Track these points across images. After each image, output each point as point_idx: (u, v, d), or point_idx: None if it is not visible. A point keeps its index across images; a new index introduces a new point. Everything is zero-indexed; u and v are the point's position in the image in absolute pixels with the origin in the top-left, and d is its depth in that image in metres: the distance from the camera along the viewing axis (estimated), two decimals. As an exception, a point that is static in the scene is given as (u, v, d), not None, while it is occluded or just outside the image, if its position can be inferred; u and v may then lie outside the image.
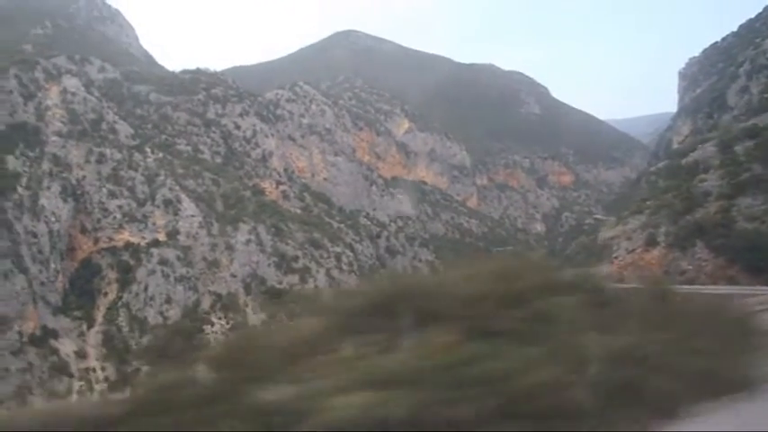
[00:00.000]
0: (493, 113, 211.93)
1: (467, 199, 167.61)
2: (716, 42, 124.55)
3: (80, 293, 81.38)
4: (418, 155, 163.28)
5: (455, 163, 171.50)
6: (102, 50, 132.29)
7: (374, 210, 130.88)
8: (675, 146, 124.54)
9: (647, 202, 46.53)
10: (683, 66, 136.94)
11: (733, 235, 35.07)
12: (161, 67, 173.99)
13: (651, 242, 41.25)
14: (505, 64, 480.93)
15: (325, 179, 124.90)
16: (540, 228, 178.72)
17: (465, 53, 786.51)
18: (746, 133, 42.58)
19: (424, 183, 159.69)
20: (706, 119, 78.97)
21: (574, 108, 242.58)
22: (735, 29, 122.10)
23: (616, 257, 44.05)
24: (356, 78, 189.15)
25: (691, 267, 36.46)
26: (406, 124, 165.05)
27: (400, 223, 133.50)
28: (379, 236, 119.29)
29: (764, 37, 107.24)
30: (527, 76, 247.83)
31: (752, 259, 35.49)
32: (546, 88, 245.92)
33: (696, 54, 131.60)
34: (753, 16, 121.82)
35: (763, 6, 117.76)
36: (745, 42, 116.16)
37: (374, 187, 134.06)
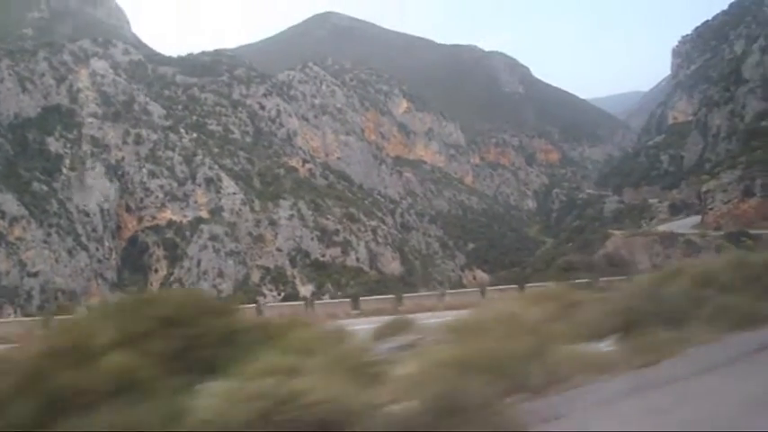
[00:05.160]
0: (479, 93, 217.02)
1: (464, 177, 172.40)
2: (707, 21, 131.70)
3: (132, 270, 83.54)
4: (417, 134, 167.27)
5: (451, 142, 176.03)
6: (99, 34, 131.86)
7: (385, 188, 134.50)
8: (671, 121, 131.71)
9: (740, 159, 52.13)
10: (675, 44, 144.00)
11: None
12: (151, 49, 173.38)
13: (748, 193, 46.84)
14: (485, 45, 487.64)
15: (338, 158, 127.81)
16: (531, 204, 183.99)
17: (445, 35, 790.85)
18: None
19: (424, 162, 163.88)
20: (723, 91, 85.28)
21: (555, 87, 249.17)
22: (725, 7, 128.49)
23: (711, 209, 49.48)
24: (344, 60, 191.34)
25: (789, 213, 42.23)
26: (404, 104, 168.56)
27: (410, 200, 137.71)
28: (393, 212, 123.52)
29: (754, 15, 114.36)
30: (509, 57, 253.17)
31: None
32: (527, 68, 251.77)
33: (689, 32, 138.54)
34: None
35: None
36: (735, 20, 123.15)
37: (383, 166, 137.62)
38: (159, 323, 4.74)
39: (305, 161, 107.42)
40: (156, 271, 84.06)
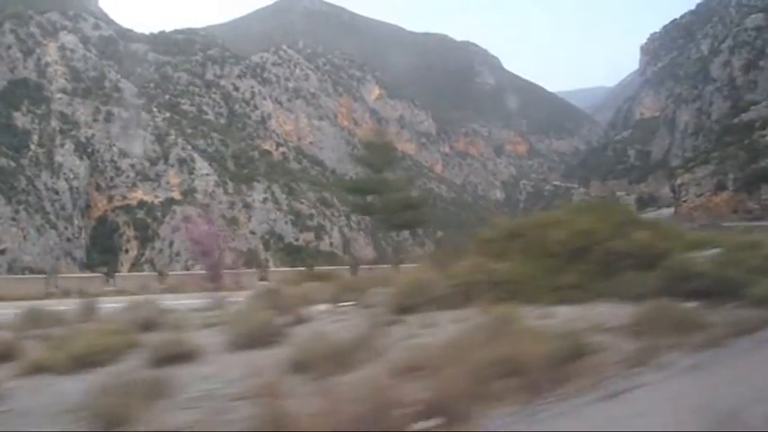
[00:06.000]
0: (449, 83, 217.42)
1: (433, 165, 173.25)
2: (675, 19, 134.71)
3: (102, 250, 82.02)
4: (389, 121, 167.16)
5: (422, 130, 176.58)
6: (66, 7, 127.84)
7: (356, 174, 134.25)
8: (638, 116, 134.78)
9: (713, 154, 54.17)
10: (644, 41, 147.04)
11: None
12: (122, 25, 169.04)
13: (720, 187, 48.87)
14: (456, 34, 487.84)
15: (311, 143, 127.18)
16: (499, 195, 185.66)
17: (415, 23, 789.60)
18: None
19: (395, 149, 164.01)
20: (691, 89, 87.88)
21: (524, 79, 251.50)
22: (693, 7, 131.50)
23: (685, 201, 51.45)
24: (317, 44, 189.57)
25: (758, 207, 44.22)
26: (377, 91, 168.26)
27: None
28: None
29: (720, 16, 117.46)
30: (480, 47, 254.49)
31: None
32: (498, 59, 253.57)
33: (656, 30, 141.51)
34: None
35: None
36: (702, 20, 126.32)
37: (356, 152, 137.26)
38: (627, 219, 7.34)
39: (278, 144, 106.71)
40: (127, 251, 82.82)
